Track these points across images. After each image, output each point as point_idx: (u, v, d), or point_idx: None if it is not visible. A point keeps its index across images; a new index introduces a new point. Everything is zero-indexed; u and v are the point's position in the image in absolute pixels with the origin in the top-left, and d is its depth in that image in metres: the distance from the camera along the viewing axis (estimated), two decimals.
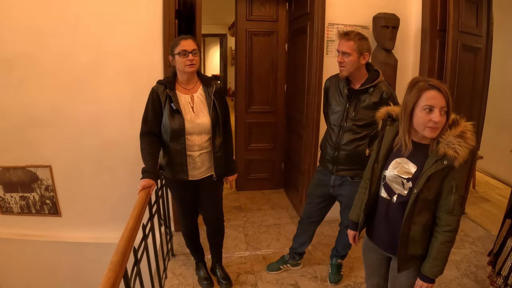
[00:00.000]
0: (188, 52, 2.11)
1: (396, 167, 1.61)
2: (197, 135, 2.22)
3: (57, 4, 2.83)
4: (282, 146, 4.43)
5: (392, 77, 3.11)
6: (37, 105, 3.01)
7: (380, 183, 1.69)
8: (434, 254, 1.57)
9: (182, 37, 2.16)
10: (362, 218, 1.80)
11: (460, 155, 1.43)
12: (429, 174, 1.49)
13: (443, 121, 1.46)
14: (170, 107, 2.16)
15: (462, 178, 1.51)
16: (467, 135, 1.46)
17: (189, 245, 2.69)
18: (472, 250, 3.17)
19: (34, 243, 3.37)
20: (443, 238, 1.54)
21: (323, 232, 3.39)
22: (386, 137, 1.70)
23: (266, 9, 4.03)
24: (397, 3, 3.34)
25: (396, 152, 1.64)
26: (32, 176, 3.23)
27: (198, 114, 2.22)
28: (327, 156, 2.41)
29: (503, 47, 4.77)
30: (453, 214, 1.52)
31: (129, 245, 1.37)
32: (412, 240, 1.59)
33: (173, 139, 2.19)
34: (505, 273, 2.14)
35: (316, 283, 2.74)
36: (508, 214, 2.24)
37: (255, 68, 4.16)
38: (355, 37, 2.15)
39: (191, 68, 2.15)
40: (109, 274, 1.16)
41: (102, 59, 2.95)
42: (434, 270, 1.58)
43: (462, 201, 1.51)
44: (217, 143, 2.29)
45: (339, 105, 2.31)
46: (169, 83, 2.20)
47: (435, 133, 1.47)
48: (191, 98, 2.23)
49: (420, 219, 1.56)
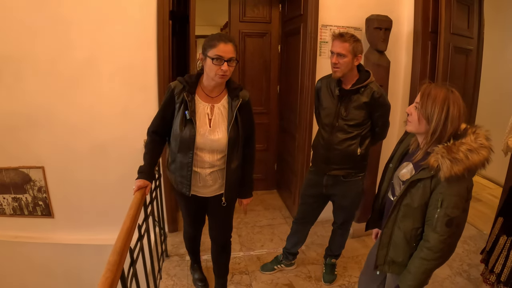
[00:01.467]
0: (224, 60, 1.78)
1: (402, 170, 1.62)
2: (208, 152, 1.96)
3: (50, 4, 2.81)
4: (275, 147, 4.45)
5: (384, 78, 3.13)
6: (30, 106, 2.99)
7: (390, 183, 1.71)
8: (409, 266, 1.55)
9: (222, 38, 1.80)
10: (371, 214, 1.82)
11: (443, 168, 1.36)
12: (412, 180, 1.49)
13: (414, 115, 1.48)
14: (183, 115, 1.89)
15: (453, 195, 1.40)
16: (461, 149, 1.37)
17: (188, 247, 2.60)
18: (464, 249, 3.21)
19: (27, 245, 3.35)
20: (420, 252, 1.50)
21: (316, 232, 3.41)
22: (406, 140, 1.70)
23: (259, 10, 4.05)
24: (389, 5, 3.36)
25: (409, 155, 1.64)
26: (24, 177, 3.20)
27: (214, 129, 1.93)
28: (319, 156, 2.43)
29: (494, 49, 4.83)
30: (434, 231, 1.44)
31: (126, 245, 1.37)
32: (394, 244, 1.60)
33: (181, 150, 1.94)
34: (498, 270, 2.17)
35: (310, 283, 2.75)
36: (500, 213, 2.27)
37: (248, 69, 4.17)
38: (350, 38, 2.18)
39: (222, 78, 1.84)
40: (107, 274, 1.15)
41: (96, 59, 2.93)
42: (405, 283, 1.55)
43: (450, 222, 1.39)
44: (232, 165, 2.02)
45: (330, 105, 2.33)
46: (189, 84, 1.91)
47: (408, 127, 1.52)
48: (211, 109, 1.94)
49: (403, 225, 1.55)
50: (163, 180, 2.91)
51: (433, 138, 1.44)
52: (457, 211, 1.40)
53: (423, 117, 1.44)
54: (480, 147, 1.37)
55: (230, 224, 2.35)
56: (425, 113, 1.43)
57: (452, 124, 1.41)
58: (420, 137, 1.53)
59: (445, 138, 1.42)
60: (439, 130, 1.41)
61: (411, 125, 1.51)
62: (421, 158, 1.50)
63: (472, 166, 1.35)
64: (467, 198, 1.44)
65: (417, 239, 1.54)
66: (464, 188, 1.41)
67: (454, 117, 1.40)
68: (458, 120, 1.41)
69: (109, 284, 1.11)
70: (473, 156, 1.35)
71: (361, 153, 2.31)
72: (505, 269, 2.11)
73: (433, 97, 1.41)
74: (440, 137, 1.42)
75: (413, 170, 1.55)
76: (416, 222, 1.52)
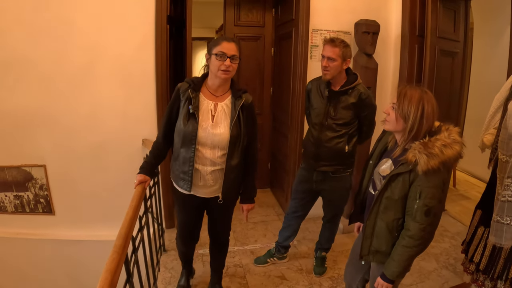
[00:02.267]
0: (227, 56, 1.87)
1: (382, 166, 1.74)
2: (209, 148, 1.99)
3: (52, 8, 2.91)
4: (269, 146, 4.57)
5: (372, 80, 3.27)
6: (32, 106, 3.08)
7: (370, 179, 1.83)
8: (392, 254, 1.66)
9: (225, 38, 1.93)
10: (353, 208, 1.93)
11: (421, 162, 1.47)
12: (392, 174, 1.60)
13: (392, 115, 1.59)
14: (187, 109, 1.95)
15: (430, 187, 1.52)
16: (436, 144, 1.48)
17: (181, 253, 2.54)
18: (452, 244, 3.35)
19: (29, 241, 3.42)
20: (402, 241, 1.61)
21: (308, 228, 3.53)
22: (384, 138, 1.82)
23: (253, 15, 4.19)
24: (378, 10, 3.50)
25: (388, 152, 1.76)
26: (26, 176, 3.30)
27: (217, 124, 1.98)
28: (309, 153, 2.57)
29: (483, 52, 4.99)
30: (415, 221, 1.56)
31: (130, 231, 1.50)
32: (377, 234, 1.72)
33: (184, 144, 1.98)
34: (477, 259, 2.29)
35: (301, 275, 2.88)
36: (478, 206, 2.41)
37: (242, 71, 4.29)
38: (340, 44, 2.32)
39: (225, 74, 1.91)
40: (113, 255, 1.29)
41: (96, 61, 3.03)
42: (390, 270, 1.66)
43: (428, 211, 1.53)
44: (233, 163, 2.04)
45: (320, 105, 2.48)
46: (194, 83, 1.99)
47: (386, 126, 1.64)
48: (215, 106, 2.00)
49: (385, 216, 1.67)
50: (161, 177, 3.02)
51: (410, 135, 1.56)
52: (434, 202, 1.53)
53: (400, 116, 1.56)
54: (453, 142, 1.50)
55: (229, 225, 2.41)
56: (402, 112, 1.55)
57: (427, 122, 1.54)
58: (397, 135, 1.65)
59: (421, 135, 1.55)
60: (416, 127, 1.53)
61: (389, 124, 1.63)
62: (399, 154, 1.62)
63: (446, 160, 1.47)
64: (443, 189, 1.56)
65: (398, 229, 1.66)
66: (440, 180, 1.53)
67: (428, 115, 1.53)
68: (432, 117, 1.54)
69: (115, 265, 1.24)
70: (447, 150, 1.47)
71: (348, 150, 2.46)
72: (483, 258, 2.24)
73: (409, 97, 1.54)
74: (417, 134, 1.55)
75: (392, 166, 1.67)
76: (397, 213, 1.63)
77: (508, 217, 2.00)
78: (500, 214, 2.04)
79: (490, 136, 2.24)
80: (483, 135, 2.30)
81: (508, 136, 2.01)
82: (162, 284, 2.67)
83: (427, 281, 2.81)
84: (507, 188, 2.01)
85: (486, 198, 2.30)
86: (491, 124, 2.27)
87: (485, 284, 2.24)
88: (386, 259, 1.70)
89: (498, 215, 2.05)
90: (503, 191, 2.03)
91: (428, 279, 2.83)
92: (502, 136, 2.05)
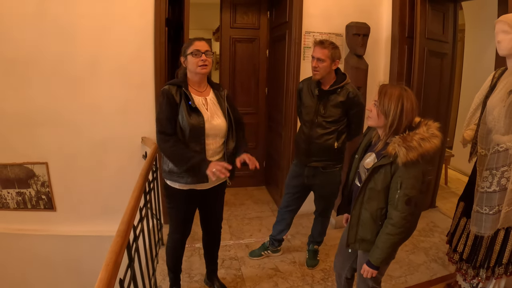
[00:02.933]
0: (202, 52, 2.04)
1: (366, 159, 1.85)
2: (212, 138, 2.11)
3: (56, 10, 3.00)
4: (264, 145, 4.69)
5: (363, 80, 3.40)
6: (35, 105, 3.16)
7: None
8: (377, 241, 1.76)
9: (195, 38, 2.12)
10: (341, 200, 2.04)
11: (400, 154, 1.57)
12: (374, 167, 1.72)
13: (374, 111, 1.70)
14: (187, 106, 2.04)
15: (410, 178, 1.61)
16: (414, 138, 1.58)
17: (171, 262, 2.50)
18: (441, 238, 3.45)
19: (30, 237, 3.49)
20: (386, 229, 1.71)
21: (301, 224, 3.65)
22: (369, 133, 1.93)
23: (249, 17, 4.31)
24: (368, 13, 3.62)
25: (372, 146, 1.87)
26: (28, 173, 3.38)
27: (213, 115, 2.12)
28: (300, 149, 2.70)
29: (474, 54, 5.12)
30: (396, 210, 1.66)
31: (131, 219, 1.62)
32: (362, 224, 1.83)
33: (192, 138, 2.05)
34: (460, 249, 2.39)
35: (294, 267, 2.99)
36: (461, 198, 2.52)
37: (238, 72, 4.42)
38: (329, 46, 2.46)
39: (204, 69, 2.08)
40: (117, 239, 1.41)
41: (97, 62, 3.13)
42: (374, 257, 1.77)
43: (409, 201, 1.63)
44: (230, 146, 2.19)
45: (310, 104, 2.61)
46: (182, 83, 2.10)
47: (369, 122, 1.75)
48: (205, 100, 2.15)
49: (369, 206, 1.78)
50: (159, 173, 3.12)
51: (390, 130, 1.67)
52: (414, 192, 1.64)
53: (381, 113, 1.67)
54: (432, 136, 1.61)
55: (222, 212, 2.51)
56: (383, 109, 1.66)
57: (407, 117, 1.65)
58: (380, 130, 1.77)
59: (401, 129, 1.66)
60: (396, 123, 1.65)
61: (371, 120, 1.74)
62: (381, 148, 1.74)
63: (425, 153, 1.58)
64: (422, 181, 1.67)
65: (382, 218, 1.76)
66: (420, 172, 1.65)
67: (408, 111, 1.64)
68: (412, 113, 1.66)
69: (119, 247, 1.35)
70: (425, 144, 1.59)
71: (338, 146, 2.59)
72: (466, 247, 2.34)
73: (389, 95, 1.65)
74: (397, 129, 1.66)
75: (376, 159, 1.78)
76: (380, 203, 1.74)
77: (487, 207, 2.11)
78: (479, 205, 2.15)
79: (471, 131, 2.35)
80: (464, 131, 2.41)
81: (487, 131, 2.12)
82: (160, 276, 2.78)
83: (416, 273, 2.92)
84: (485, 180, 2.12)
85: (468, 191, 2.41)
86: (472, 121, 2.38)
87: (468, 273, 2.34)
88: (371, 247, 1.80)
89: (478, 206, 2.17)
90: (482, 183, 2.14)
91: (417, 271, 2.94)
92: (481, 131, 2.17)
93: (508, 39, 1.98)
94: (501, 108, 2.01)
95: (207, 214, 2.44)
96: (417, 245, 3.32)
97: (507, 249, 2.19)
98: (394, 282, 2.80)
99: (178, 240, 2.42)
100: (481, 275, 2.28)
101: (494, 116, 2.06)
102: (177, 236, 2.40)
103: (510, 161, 2.02)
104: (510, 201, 2.06)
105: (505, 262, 2.21)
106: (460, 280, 2.55)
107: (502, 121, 2.01)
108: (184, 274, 2.81)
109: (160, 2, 3.10)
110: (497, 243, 2.20)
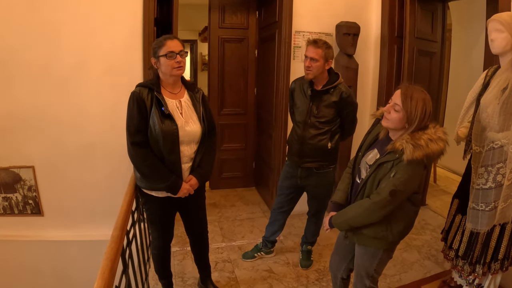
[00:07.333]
0: (176, 53, 1.92)
1: (369, 156, 1.84)
2: (186, 145, 2.02)
3: (42, 9, 2.93)
4: (253, 145, 4.66)
5: (353, 80, 3.40)
6: (21, 107, 3.09)
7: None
8: (345, 208, 1.85)
9: (167, 37, 1.96)
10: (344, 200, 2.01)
11: (406, 151, 1.56)
12: (380, 162, 1.71)
13: (393, 114, 1.65)
14: (159, 112, 1.92)
15: (405, 174, 1.62)
16: (422, 137, 1.58)
17: (159, 269, 2.46)
18: (433, 236, 3.49)
19: (17, 243, 3.41)
20: (360, 200, 1.78)
21: (293, 224, 3.64)
22: (375, 130, 1.91)
23: (237, 17, 4.28)
24: (358, 12, 3.64)
25: (375, 143, 1.86)
26: (15, 177, 3.29)
27: (187, 120, 2.02)
28: (293, 150, 2.68)
29: (461, 53, 5.18)
30: (377, 193, 1.69)
31: (125, 223, 1.58)
32: None
33: (166, 147, 1.96)
34: (456, 246, 2.41)
35: (288, 268, 2.98)
36: (455, 195, 2.54)
37: (227, 73, 4.39)
38: (323, 45, 2.44)
39: (179, 71, 1.97)
40: (112, 245, 1.38)
41: (85, 63, 3.07)
42: (335, 219, 1.87)
43: (393, 192, 1.63)
44: (201, 153, 2.11)
45: (303, 104, 2.59)
46: (154, 85, 1.98)
47: (386, 123, 1.71)
48: (179, 103, 2.04)
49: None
50: None
51: (408, 131, 1.64)
52: (402, 187, 1.64)
53: (405, 117, 1.63)
54: (439, 139, 1.61)
55: (205, 215, 2.43)
56: (408, 113, 1.61)
57: (426, 121, 1.64)
58: (394, 131, 1.73)
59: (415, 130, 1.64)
60: (415, 126, 1.63)
61: (389, 122, 1.69)
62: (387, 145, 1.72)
63: (430, 153, 1.58)
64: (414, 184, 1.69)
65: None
66: (417, 173, 1.66)
67: (429, 115, 1.64)
68: (430, 116, 1.66)
69: (114, 253, 1.32)
70: (432, 145, 1.59)
71: (331, 147, 2.57)
72: (461, 244, 2.36)
73: (416, 99, 1.61)
74: (414, 130, 1.64)
75: (378, 155, 1.78)
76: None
77: (483, 203, 2.14)
78: (475, 201, 2.18)
79: (464, 129, 2.37)
80: (458, 128, 2.43)
81: (481, 129, 2.15)
82: (152, 280, 2.73)
83: (410, 271, 2.94)
84: (480, 177, 2.15)
85: (462, 188, 2.42)
86: (465, 118, 2.40)
87: (464, 269, 2.35)
88: (368, 241, 1.83)
89: (473, 202, 2.20)
90: (477, 180, 2.17)
91: (411, 269, 2.96)
92: (475, 129, 2.18)
93: (501, 38, 2.00)
94: (495, 105, 2.03)
95: (188, 219, 2.38)
96: (410, 243, 3.33)
97: (502, 244, 2.22)
98: (389, 280, 2.81)
99: (161, 246, 2.37)
100: (477, 271, 2.30)
101: (488, 114, 2.08)
102: (160, 242, 2.35)
103: (505, 157, 2.05)
104: (506, 197, 2.09)
105: (501, 257, 2.24)
106: (455, 276, 2.57)
107: (496, 119, 2.04)
108: (177, 278, 2.78)
109: (149, 2, 3.06)
110: (493, 238, 2.22)
